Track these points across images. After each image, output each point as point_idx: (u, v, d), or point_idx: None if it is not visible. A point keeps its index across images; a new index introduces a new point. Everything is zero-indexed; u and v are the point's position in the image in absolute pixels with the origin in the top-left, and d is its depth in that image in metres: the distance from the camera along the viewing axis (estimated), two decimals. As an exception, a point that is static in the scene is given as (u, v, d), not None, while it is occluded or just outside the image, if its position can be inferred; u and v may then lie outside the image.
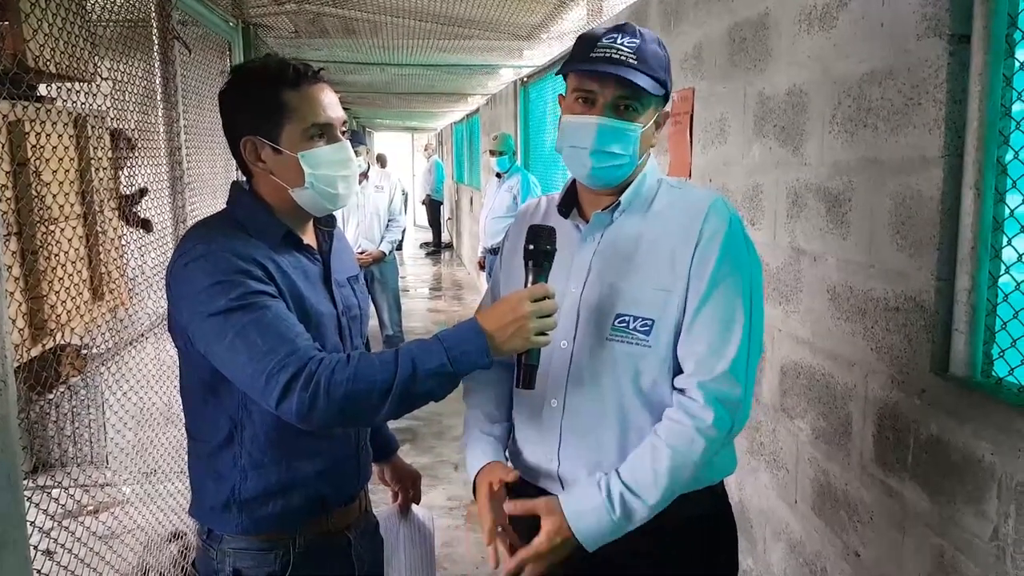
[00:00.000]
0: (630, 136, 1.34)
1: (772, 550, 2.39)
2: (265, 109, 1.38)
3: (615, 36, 1.32)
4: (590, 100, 1.34)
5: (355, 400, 1.22)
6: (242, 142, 1.41)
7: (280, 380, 1.21)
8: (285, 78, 1.37)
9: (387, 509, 1.81)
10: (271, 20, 4.44)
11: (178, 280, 1.34)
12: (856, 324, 1.90)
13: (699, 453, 1.28)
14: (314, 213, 1.46)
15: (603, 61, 1.30)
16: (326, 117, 1.39)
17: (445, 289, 10.33)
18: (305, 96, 1.38)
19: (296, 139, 1.38)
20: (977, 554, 1.50)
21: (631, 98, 1.32)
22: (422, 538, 1.77)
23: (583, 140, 1.33)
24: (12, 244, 1.61)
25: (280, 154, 1.39)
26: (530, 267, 1.29)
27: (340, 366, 1.23)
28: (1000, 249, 1.55)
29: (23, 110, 1.64)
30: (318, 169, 1.39)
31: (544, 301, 1.24)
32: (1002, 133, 1.51)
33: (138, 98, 2.48)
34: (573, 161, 1.37)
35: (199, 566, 1.51)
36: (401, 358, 1.24)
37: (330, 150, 1.40)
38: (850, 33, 1.88)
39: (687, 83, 2.92)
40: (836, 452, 2.01)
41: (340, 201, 1.44)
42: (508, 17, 4.44)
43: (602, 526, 1.28)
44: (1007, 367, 1.53)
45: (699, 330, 1.30)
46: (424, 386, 1.24)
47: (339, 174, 1.41)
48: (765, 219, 2.34)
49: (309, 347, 1.26)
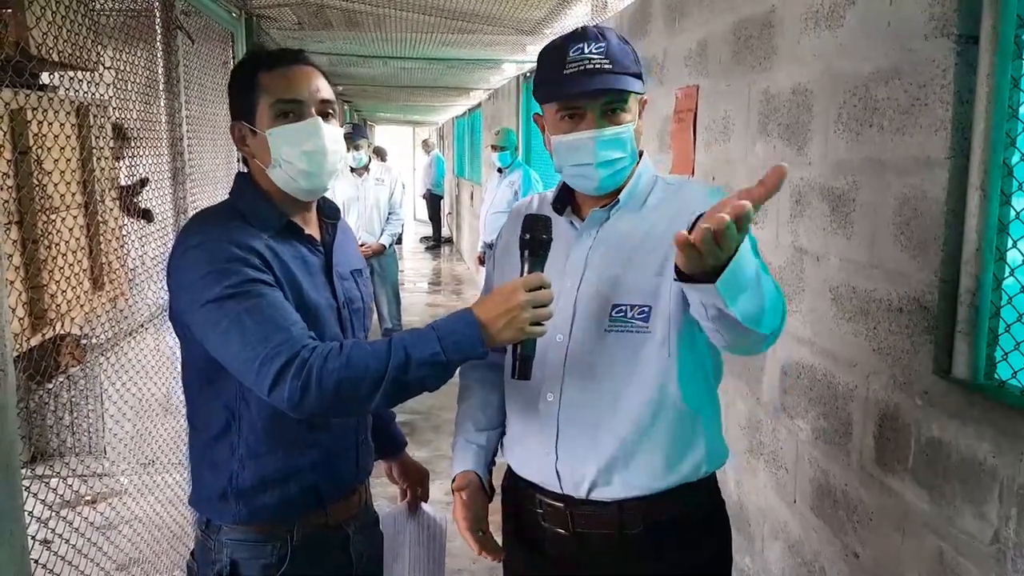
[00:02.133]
0: (626, 138, 1.36)
1: (770, 549, 2.39)
2: (243, 92, 1.41)
3: (581, 46, 1.31)
4: (577, 115, 1.34)
5: (347, 388, 1.22)
6: (232, 128, 1.44)
7: (273, 367, 1.21)
8: (260, 60, 1.40)
9: (394, 507, 1.80)
10: (274, 11, 4.43)
11: (176, 269, 1.35)
12: (858, 324, 1.90)
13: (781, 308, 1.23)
14: (298, 196, 1.45)
15: (580, 75, 1.30)
16: (294, 94, 1.39)
17: (444, 284, 10.32)
18: (276, 75, 1.40)
19: (266, 117, 1.39)
20: (977, 557, 1.50)
21: (617, 100, 1.33)
22: (430, 537, 1.76)
23: (585, 157, 1.34)
24: (13, 233, 1.60)
25: (256, 135, 1.41)
26: (526, 256, 1.28)
27: (333, 354, 1.23)
28: (1005, 251, 1.54)
29: (25, 98, 1.63)
30: (282, 146, 1.39)
31: (539, 291, 1.23)
32: (1009, 135, 1.50)
33: (141, 88, 2.47)
34: (578, 178, 1.39)
35: (197, 557, 1.51)
36: (394, 347, 1.24)
37: (295, 127, 1.39)
38: (856, 32, 1.87)
39: (691, 80, 2.91)
40: (836, 452, 2.00)
41: (310, 180, 1.42)
42: (512, 12, 4.44)
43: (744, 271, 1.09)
44: (1010, 370, 1.52)
45: None
46: (417, 375, 1.24)
47: (303, 149, 1.39)
48: (768, 218, 2.33)
49: (303, 335, 1.26)
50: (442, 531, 1.79)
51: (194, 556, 1.53)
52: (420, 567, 1.72)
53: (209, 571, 1.45)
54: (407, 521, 1.77)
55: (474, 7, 4.30)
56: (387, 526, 1.74)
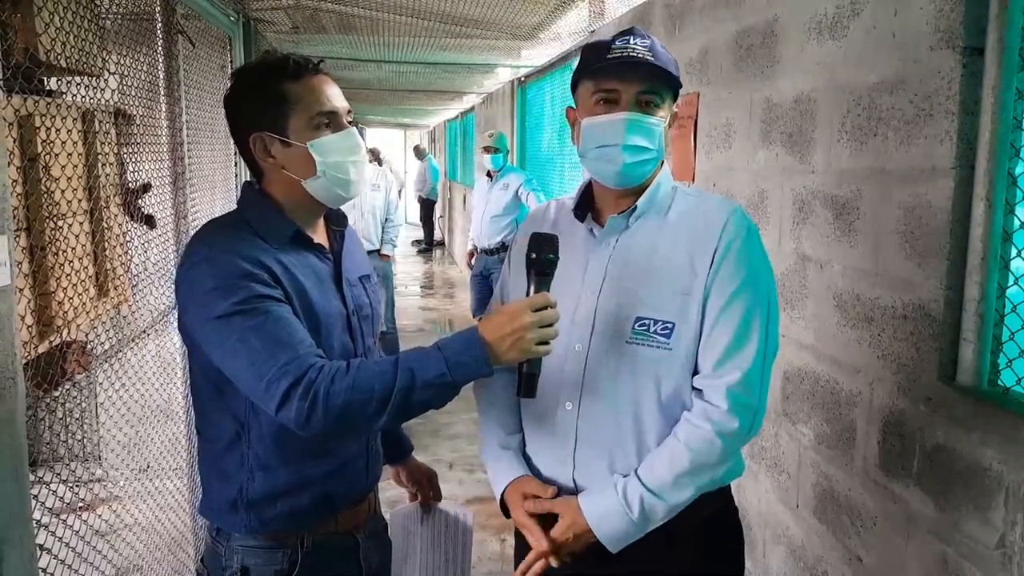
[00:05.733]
0: (656, 130, 1.36)
1: (772, 553, 2.41)
2: (270, 103, 1.39)
3: (627, 39, 1.34)
4: (612, 100, 1.35)
5: (353, 409, 1.23)
6: (251, 140, 1.41)
7: (280, 387, 1.22)
8: (286, 71, 1.39)
9: (405, 508, 1.79)
10: (271, 15, 4.42)
11: (184, 282, 1.34)
12: (862, 331, 1.91)
13: (717, 456, 1.30)
14: (328, 204, 1.46)
15: (622, 59, 1.32)
16: (331, 105, 1.41)
17: (437, 287, 10.32)
18: (307, 86, 1.40)
19: (303, 129, 1.39)
20: (982, 561, 1.52)
21: (652, 92, 1.34)
22: (448, 536, 1.74)
23: (613, 138, 1.34)
24: (22, 240, 1.59)
25: (289, 146, 1.40)
26: (532, 276, 1.29)
27: (339, 375, 1.23)
28: (1009, 260, 1.57)
29: (34, 104, 1.63)
30: (328, 157, 1.40)
31: (545, 311, 1.25)
32: (1013, 146, 1.53)
33: (142, 93, 2.46)
34: (601, 161, 1.37)
35: (208, 563, 1.51)
36: (400, 367, 1.25)
37: (338, 137, 1.41)
38: (861, 42, 1.89)
39: (691, 88, 2.93)
40: (839, 457, 2.02)
41: (353, 188, 1.45)
42: (508, 17, 4.44)
43: (623, 527, 1.31)
44: (1014, 377, 1.55)
45: (717, 337, 1.32)
46: (423, 396, 1.25)
47: (349, 159, 1.42)
48: (770, 225, 2.35)
49: (310, 354, 1.27)
50: (466, 528, 1.76)
51: (203, 562, 1.53)
52: (433, 568, 1.71)
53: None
54: (419, 521, 1.76)
55: (470, 12, 4.31)
56: (396, 525, 1.73)
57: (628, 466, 1.35)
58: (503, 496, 1.46)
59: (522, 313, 1.23)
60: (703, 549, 1.41)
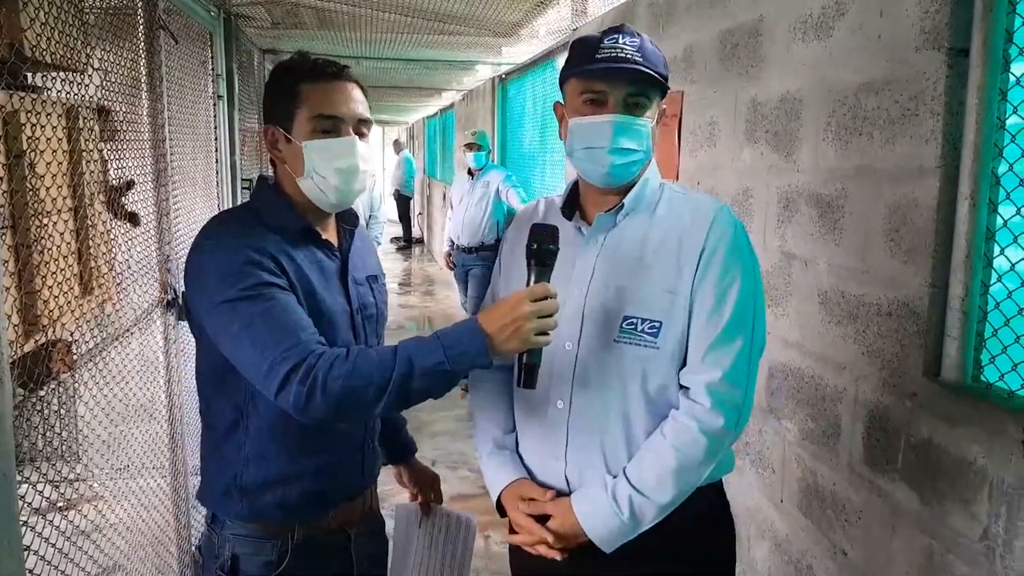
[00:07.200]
0: (644, 131, 1.37)
1: (756, 548, 2.43)
2: (283, 99, 1.43)
3: (616, 37, 1.35)
4: (599, 100, 1.36)
5: (352, 395, 1.24)
6: (265, 130, 1.46)
7: (280, 371, 1.24)
8: (304, 70, 1.42)
9: (411, 504, 1.79)
10: (251, 10, 4.38)
11: (192, 270, 1.37)
12: (847, 328, 1.94)
13: (703, 453, 1.32)
14: (319, 206, 1.48)
15: (611, 60, 1.32)
16: (336, 110, 1.42)
17: (416, 285, 10.29)
18: (320, 88, 1.42)
19: (304, 128, 1.42)
20: (967, 554, 1.55)
21: (640, 94, 1.35)
22: (448, 539, 1.74)
23: (600, 140, 1.35)
24: (7, 238, 1.57)
25: (291, 143, 1.43)
26: (532, 266, 1.30)
27: (339, 361, 1.25)
28: (992, 258, 1.60)
29: (20, 101, 1.61)
30: (318, 159, 1.42)
31: (545, 301, 1.25)
32: (997, 145, 1.56)
33: (125, 88, 2.43)
34: (589, 162, 1.38)
35: (203, 550, 1.56)
36: (399, 356, 1.26)
37: (333, 142, 1.42)
38: (847, 43, 1.92)
39: (676, 86, 2.94)
40: (824, 453, 2.05)
41: (339, 196, 1.45)
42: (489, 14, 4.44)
43: (614, 528, 1.32)
44: (997, 372, 1.58)
45: (704, 334, 1.33)
46: (421, 384, 1.26)
47: (336, 166, 1.42)
48: (755, 223, 2.37)
49: (311, 340, 1.28)
50: (469, 532, 1.76)
51: (200, 550, 1.57)
52: (430, 569, 1.72)
53: (213, 564, 1.49)
54: (419, 522, 1.77)
55: (451, 8, 4.30)
56: (398, 522, 1.74)
57: (619, 463, 1.37)
58: (499, 498, 1.47)
59: (521, 303, 1.24)
60: (697, 545, 1.42)
